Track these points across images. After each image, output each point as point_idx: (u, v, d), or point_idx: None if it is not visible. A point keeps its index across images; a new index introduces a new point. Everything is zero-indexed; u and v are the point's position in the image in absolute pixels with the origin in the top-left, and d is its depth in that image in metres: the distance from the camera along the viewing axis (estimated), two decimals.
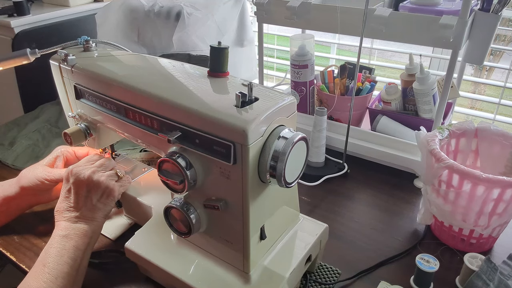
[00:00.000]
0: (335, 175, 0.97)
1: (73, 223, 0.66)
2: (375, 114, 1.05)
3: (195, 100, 0.55)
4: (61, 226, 0.65)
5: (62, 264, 0.61)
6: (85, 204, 0.67)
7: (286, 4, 0.94)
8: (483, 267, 0.64)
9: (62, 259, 0.61)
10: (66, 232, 0.64)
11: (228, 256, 0.61)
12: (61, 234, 0.64)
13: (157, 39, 1.16)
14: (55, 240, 0.64)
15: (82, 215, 0.66)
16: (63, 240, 0.63)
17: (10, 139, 1.11)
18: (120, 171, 0.73)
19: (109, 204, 0.69)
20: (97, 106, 0.68)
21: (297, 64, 1.04)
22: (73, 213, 0.66)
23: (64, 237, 0.64)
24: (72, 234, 0.64)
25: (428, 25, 0.80)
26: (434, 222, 0.79)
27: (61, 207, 0.67)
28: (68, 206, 0.67)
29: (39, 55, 0.71)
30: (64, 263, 0.61)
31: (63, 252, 0.62)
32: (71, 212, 0.66)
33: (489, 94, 2.39)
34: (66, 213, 0.67)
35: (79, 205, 0.67)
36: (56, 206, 0.68)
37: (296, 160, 0.53)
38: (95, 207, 0.67)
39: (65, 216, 0.66)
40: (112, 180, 0.70)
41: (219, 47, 0.58)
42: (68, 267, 0.61)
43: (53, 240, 0.64)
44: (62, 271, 0.61)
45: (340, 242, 0.78)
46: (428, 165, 0.73)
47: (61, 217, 0.67)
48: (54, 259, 0.61)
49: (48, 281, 0.59)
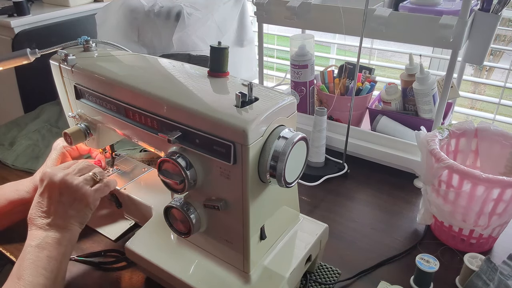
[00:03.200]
0: (335, 175, 0.97)
1: (45, 231, 0.62)
2: (375, 114, 1.05)
3: (195, 100, 0.55)
4: (33, 235, 0.62)
5: (37, 276, 0.57)
6: (57, 210, 0.64)
7: (286, 4, 0.94)
8: (483, 267, 0.64)
9: (37, 271, 0.58)
10: (38, 242, 0.61)
11: (228, 256, 0.61)
12: (33, 244, 0.60)
13: (157, 39, 1.16)
14: (27, 251, 0.60)
15: (54, 222, 0.63)
16: (36, 250, 0.60)
17: (10, 139, 1.11)
18: (99, 174, 0.69)
19: (82, 210, 0.65)
20: (97, 106, 0.68)
21: (297, 64, 1.04)
22: (44, 219, 0.63)
23: (36, 247, 0.60)
24: (44, 244, 0.61)
25: (428, 25, 0.81)
26: (434, 222, 0.79)
27: (33, 213, 0.64)
28: (40, 212, 0.64)
29: (39, 55, 0.71)
30: (39, 275, 0.58)
31: (37, 263, 0.59)
32: (43, 219, 0.63)
33: (489, 94, 2.40)
34: (38, 220, 0.63)
35: (50, 211, 0.63)
36: (28, 213, 0.65)
37: (296, 160, 0.53)
38: (67, 213, 0.64)
39: (37, 224, 0.63)
40: (86, 184, 0.66)
41: (219, 47, 0.58)
42: (43, 278, 0.58)
43: (25, 251, 0.60)
44: (38, 283, 0.57)
45: (340, 242, 0.78)
46: (428, 165, 0.73)
47: (33, 225, 0.63)
48: (28, 271, 0.57)
49: None
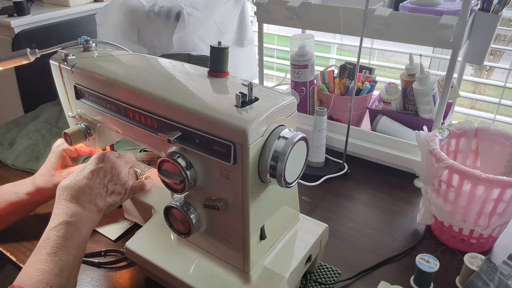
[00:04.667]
0: (335, 175, 0.97)
1: (83, 209, 0.61)
2: (375, 114, 1.05)
3: (195, 100, 0.55)
4: (71, 210, 0.59)
5: (68, 255, 0.56)
6: (101, 191, 0.64)
7: (286, 4, 0.94)
8: (483, 267, 0.64)
9: (68, 250, 0.56)
10: (75, 219, 0.59)
11: (228, 256, 0.61)
12: (69, 220, 0.58)
13: (157, 39, 1.16)
14: (61, 226, 0.57)
15: (94, 201, 0.63)
16: (71, 229, 0.58)
17: (10, 139, 1.11)
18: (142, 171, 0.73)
19: (116, 201, 0.67)
20: (97, 106, 0.68)
21: (297, 64, 1.04)
22: (88, 196, 0.62)
23: (71, 225, 0.58)
24: (80, 223, 0.59)
25: (428, 25, 0.80)
26: (434, 222, 0.79)
27: (76, 183, 0.62)
28: (85, 185, 0.62)
29: (39, 55, 0.71)
30: (69, 254, 0.56)
31: (69, 242, 0.56)
32: (86, 195, 0.62)
33: (489, 94, 2.39)
34: (79, 194, 0.61)
35: (94, 190, 0.63)
36: (65, 181, 0.63)
37: (296, 160, 0.53)
38: (105, 199, 0.65)
39: (77, 197, 0.61)
40: (131, 179, 0.70)
41: (219, 47, 0.58)
42: (72, 258, 0.56)
43: (59, 227, 0.57)
44: (67, 262, 0.55)
45: (340, 242, 0.78)
46: (428, 165, 0.73)
47: (70, 195, 0.61)
48: (60, 249, 0.55)
49: (54, 273, 0.53)
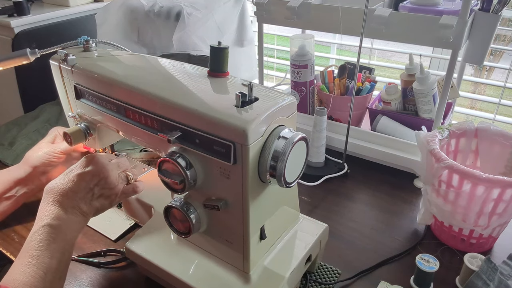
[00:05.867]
0: (335, 175, 0.97)
1: (66, 213, 0.60)
2: (375, 114, 1.05)
3: (195, 100, 0.55)
4: (53, 213, 0.59)
5: (51, 258, 0.56)
6: (85, 196, 0.64)
7: (286, 4, 0.94)
8: (483, 267, 0.64)
9: (51, 253, 0.56)
10: (58, 222, 0.59)
11: (228, 256, 0.61)
12: (52, 223, 0.58)
13: (157, 39, 1.16)
14: (44, 230, 0.57)
15: (77, 205, 0.62)
16: (53, 232, 0.58)
17: (10, 139, 1.11)
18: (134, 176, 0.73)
19: (104, 206, 0.67)
20: (97, 106, 0.68)
21: (297, 64, 1.04)
22: (70, 200, 0.61)
23: (54, 228, 0.58)
24: (64, 226, 0.59)
25: (428, 25, 0.80)
26: (434, 222, 0.79)
27: (60, 187, 0.62)
28: (69, 189, 0.62)
29: (39, 55, 0.71)
30: (52, 257, 0.56)
31: (53, 245, 0.57)
32: (69, 199, 0.61)
33: (489, 94, 2.39)
34: (62, 198, 0.61)
35: (79, 194, 0.63)
36: (51, 184, 0.63)
37: (296, 160, 0.53)
38: (91, 204, 0.64)
39: (60, 201, 0.61)
40: (121, 183, 0.70)
41: (219, 47, 0.58)
42: (57, 261, 0.56)
43: (41, 230, 0.57)
44: (51, 266, 0.55)
45: (340, 242, 0.78)
46: (428, 165, 0.73)
47: (53, 199, 0.61)
48: (43, 252, 0.55)
49: (37, 276, 0.53)
